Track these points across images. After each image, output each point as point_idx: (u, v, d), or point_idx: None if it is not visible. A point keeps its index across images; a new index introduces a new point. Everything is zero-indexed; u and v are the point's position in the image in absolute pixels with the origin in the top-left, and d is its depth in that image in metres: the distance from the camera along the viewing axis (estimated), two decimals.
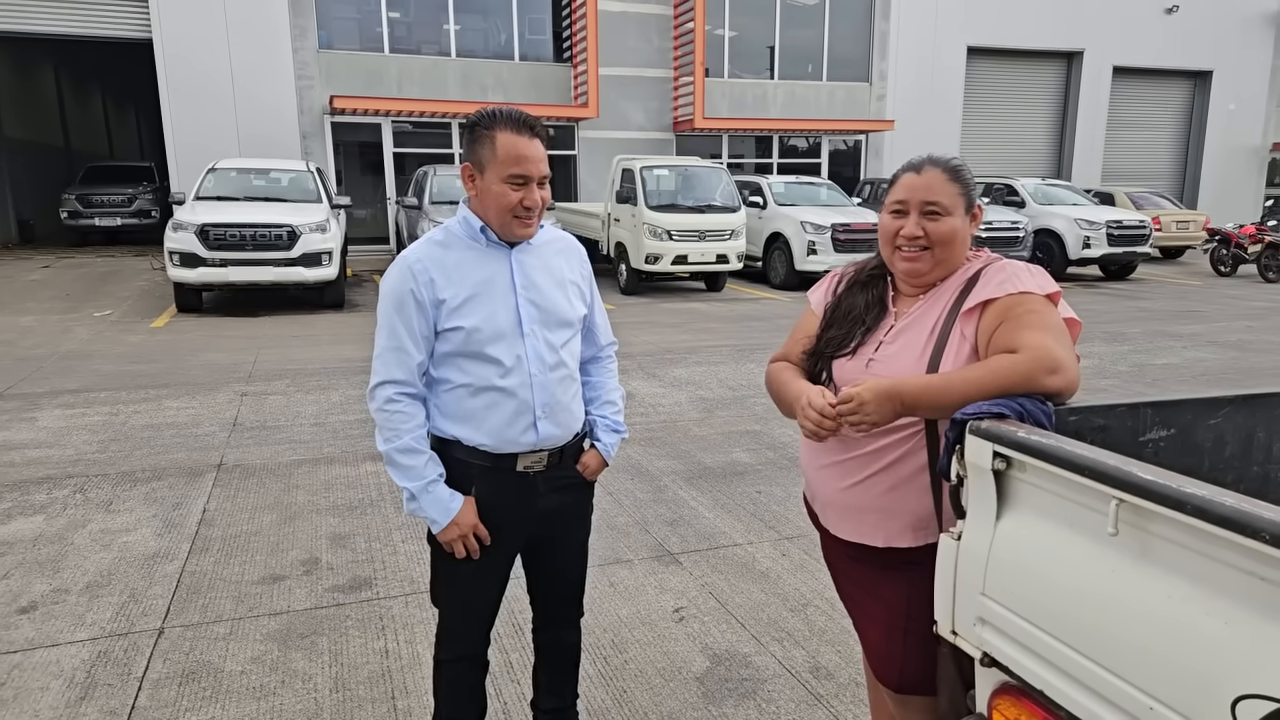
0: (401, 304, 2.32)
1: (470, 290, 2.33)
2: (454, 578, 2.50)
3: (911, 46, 24.64)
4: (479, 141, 2.29)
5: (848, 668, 3.51)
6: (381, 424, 2.35)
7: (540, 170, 2.31)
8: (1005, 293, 1.97)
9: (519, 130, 2.27)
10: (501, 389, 2.35)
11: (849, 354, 2.14)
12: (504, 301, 2.36)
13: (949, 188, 2.08)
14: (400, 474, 2.35)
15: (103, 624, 3.83)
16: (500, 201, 2.29)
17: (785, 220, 15.92)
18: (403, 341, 2.32)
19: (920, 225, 2.08)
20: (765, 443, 6.51)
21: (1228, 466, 2.07)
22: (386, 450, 2.35)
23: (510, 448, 2.40)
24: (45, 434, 6.63)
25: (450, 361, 2.36)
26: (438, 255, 2.35)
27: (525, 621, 2.89)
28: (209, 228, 11.95)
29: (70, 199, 21.30)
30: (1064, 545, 1.59)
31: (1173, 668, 1.37)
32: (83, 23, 18.47)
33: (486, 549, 2.43)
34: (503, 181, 2.27)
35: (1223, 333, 11.54)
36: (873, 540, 2.11)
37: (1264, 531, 1.22)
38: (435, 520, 2.36)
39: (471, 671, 2.61)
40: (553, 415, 2.42)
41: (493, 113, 2.30)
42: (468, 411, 2.38)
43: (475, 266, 2.36)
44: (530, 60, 21.70)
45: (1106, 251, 17.33)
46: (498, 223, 2.34)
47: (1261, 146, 29.58)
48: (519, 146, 2.26)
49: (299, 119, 19.54)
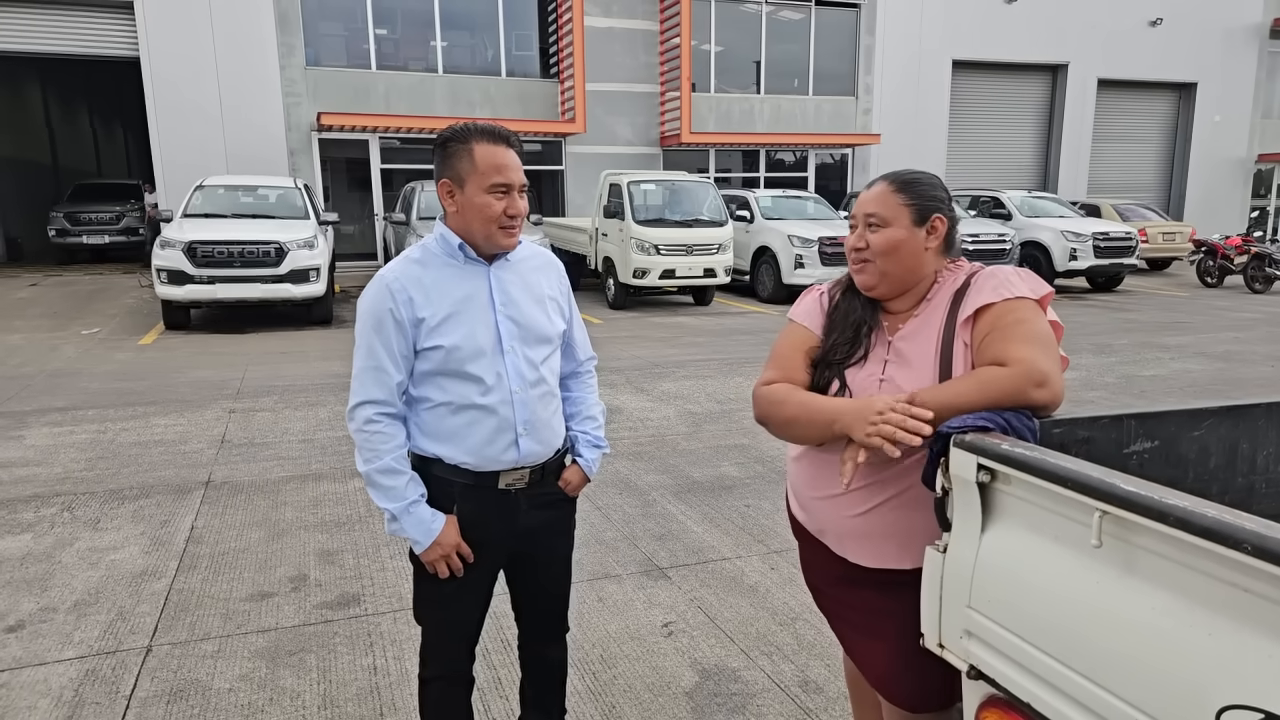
0: (380, 323, 2.30)
1: (449, 308, 2.32)
2: (436, 596, 2.48)
3: (897, 61, 24.79)
4: (455, 156, 2.28)
5: (836, 681, 3.51)
6: (361, 445, 2.33)
7: (520, 178, 2.31)
8: (1001, 297, 1.98)
9: (495, 141, 2.27)
10: (482, 407, 2.34)
11: (859, 362, 2.13)
12: (483, 319, 2.35)
13: (892, 199, 2.11)
14: (381, 495, 2.33)
15: (90, 642, 3.81)
16: (485, 212, 2.28)
17: (772, 234, 15.97)
18: (381, 361, 2.30)
19: (863, 237, 2.13)
20: (753, 456, 6.51)
21: (1213, 478, 2.07)
22: (366, 471, 2.33)
23: (492, 465, 2.39)
24: (33, 452, 6.59)
25: (430, 380, 2.35)
26: (416, 273, 2.34)
27: (513, 638, 2.88)
28: (197, 245, 11.93)
29: (58, 217, 21.23)
30: (1049, 557, 1.60)
31: (1157, 679, 1.38)
32: (70, 41, 18.46)
33: (469, 567, 2.42)
34: (485, 192, 2.26)
35: (1210, 344, 11.60)
36: (899, 564, 2.08)
37: (1246, 543, 1.23)
38: (417, 541, 2.35)
39: (456, 689, 2.60)
40: (534, 432, 2.41)
41: (466, 127, 2.29)
42: (449, 430, 2.36)
43: (454, 284, 2.34)
44: (517, 76, 21.75)
45: (1093, 263, 17.41)
46: (483, 234, 2.31)
47: (1247, 158, 29.81)
48: (498, 156, 2.26)
49: (286, 136, 19.55)
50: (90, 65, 21.96)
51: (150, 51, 18.40)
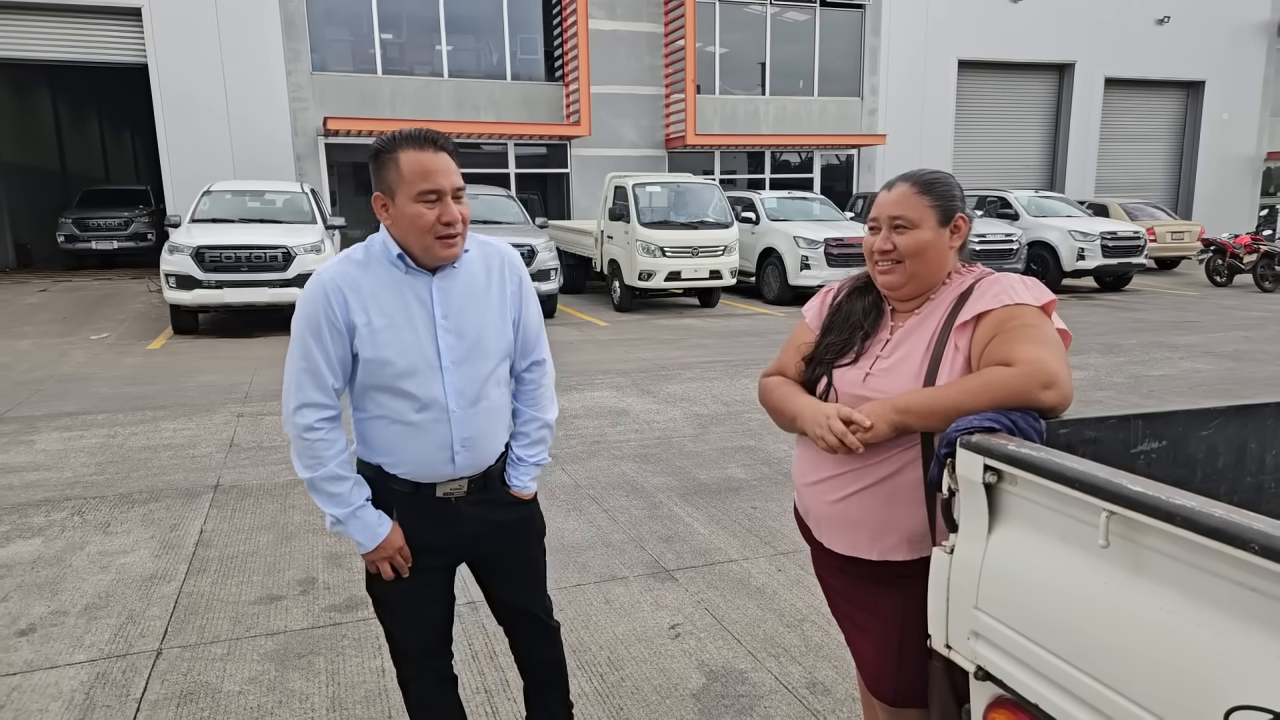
0: (316, 325, 2.23)
1: (386, 318, 2.24)
2: (388, 599, 2.45)
3: (902, 61, 24.76)
4: (384, 167, 2.18)
5: (844, 683, 3.51)
6: (301, 451, 2.27)
7: (452, 182, 2.18)
8: (1000, 304, 1.98)
9: (422, 146, 2.15)
10: (417, 425, 2.29)
11: (850, 362, 2.16)
12: (423, 333, 2.27)
13: (917, 201, 2.11)
14: (326, 501, 2.29)
15: (101, 645, 3.83)
16: (417, 223, 2.16)
17: (778, 235, 15.97)
18: (317, 364, 2.24)
19: (889, 239, 2.12)
20: (760, 458, 6.51)
21: (1221, 478, 2.07)
22: (309, 478, 2.27)
23: (429, 477, 2.35)
24: (43, 457, 6.62)
25: (366, 394, 2.30)
26: (354, 275, 2.24)
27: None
28: (205, 250, 11.99)
29: (67, 223, 21.37)
30: (1056, 558, 1.59)
31: (1166, 679, 1.38)
32: (79, 48, 18.56)
33: (415, 569, 2.39)
34: (415, 201, 2.15)
35: (1219, 343, 11.56)
36: (868, 554, 2.12)
37: (1253, 542, 1.23)
38: (362, 544, 2.31)
39: (436, 687, 2.57)
40: (472, 448, 2.36)
41: (393, 135, 2.19)
42: (386, 442, 2.32)
43: (393, 293, 2.25)
44: (522, 80, 21.79)
45: (1101, 263, 17.37)
46: (420, 246, 2.20)
47: (1256, 156, 29.70)
48: (424, 161, 2.14)
49: (293, 141, 19.62)
50: (99, 72, 22.05)
51: (158, 58, 18.49)
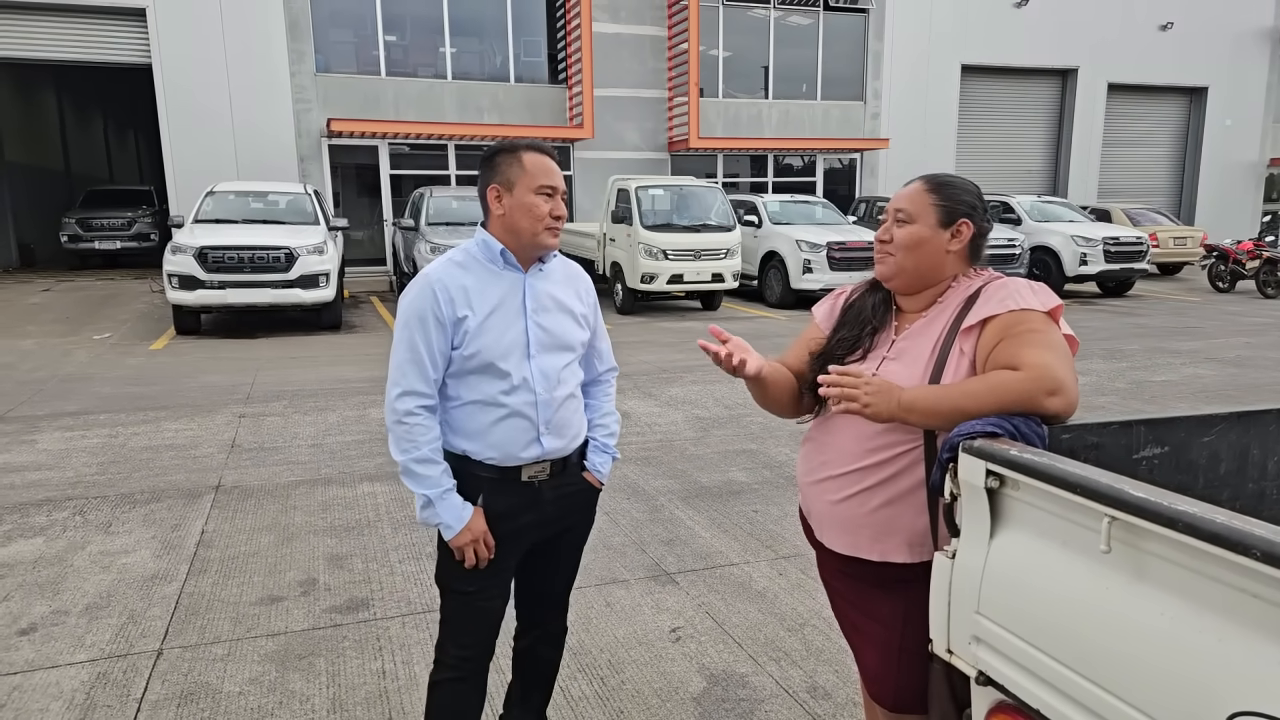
0: (423, 320, 2.42)
1: (486, 311, 2.46)
2: (463, 586, 2.55)
3: (905, 65, 24.73)
4: (505, 164, 2.45)
5: (845, 687, 3.50)
6: (400, 435, 2.44)
7: (563, 185, 2.50)
8: (1006, 309, 1.98)
9: (542, 152, 2.47)
10: (508, 406, 2.46)
11: (857, 359, 2.18)
12: (515, 323, 2.49)
13: (923, 197, 2.16)
14: (417, 482, 2.44)
15: (102, 645, 3.83)
16: (533, 212, 2.43)
17: (780, 239, 15.95)
18: (420, 356, 2.42)
19: (889, 230, 2.18)
20: (762, 461, 6.51)
21: (1223, 484, 2.07)
22: (404, 460, 2.44)
23: (515, 460, 2.51)
24: (45, 456, 6.63)
25: (461, 379, 2.47)
26: (457, 275, 2.47)
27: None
28: (208, 250, 12.00)
29: (70, 223, 21.39)
30: (1058, 563, 1.59)
31: (1167, 685, 1.38)
32: (84, 49, 18.56)
33: (494, 557, 2.52)
34: (534, 193, 2.43)
35: (1221, 349, 11.55)
36: (868, 554, 2.12)
37: (1255, 548, 1.23)
38: (449, 526, 2.45)
39: (469, 689, 2.62)
40: (555, 430, 2.55)
41: (514, 141, 2.49)
42: (476, 427, 2.48)
43: (491, 289, 2.48)
44: (526, 82, 21.78)
45: (1104, 268, 17.34)
46: (530, 233, 2.45)
47: (1259, 162, 29.65)
48: (544, 162, 2.45)
49: (297, 142, 19.62)
50: (103, 72, 22.03)
51: (162, 59, 18.49)
